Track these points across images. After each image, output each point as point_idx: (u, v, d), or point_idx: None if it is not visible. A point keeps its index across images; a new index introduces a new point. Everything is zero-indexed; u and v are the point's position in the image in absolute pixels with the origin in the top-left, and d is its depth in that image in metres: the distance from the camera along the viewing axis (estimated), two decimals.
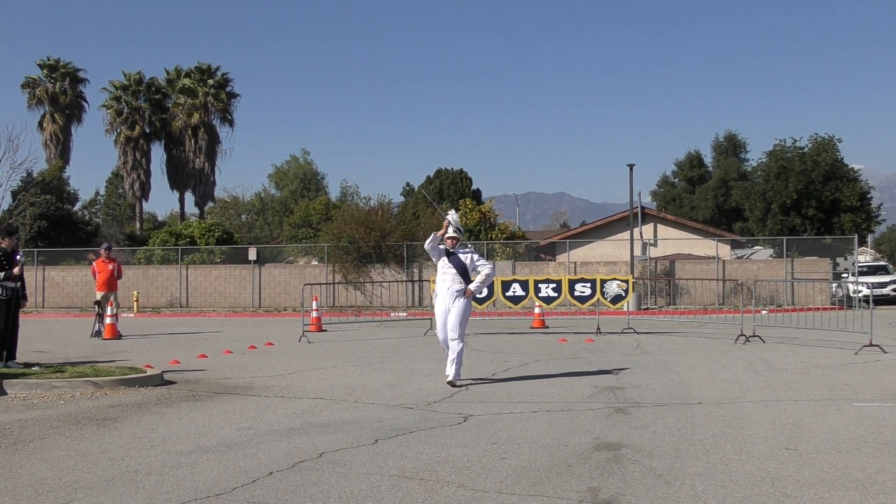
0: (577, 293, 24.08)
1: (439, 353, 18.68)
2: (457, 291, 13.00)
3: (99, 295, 23.68)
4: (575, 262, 42.05)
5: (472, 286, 13.07)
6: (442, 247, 13.16)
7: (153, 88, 61.79)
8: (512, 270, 40.46)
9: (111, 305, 23.40)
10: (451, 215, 13.40)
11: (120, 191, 65.78)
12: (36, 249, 43.30)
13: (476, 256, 13.35)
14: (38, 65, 62.03)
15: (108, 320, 23.12)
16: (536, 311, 26.05)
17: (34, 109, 61.81)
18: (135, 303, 39.02)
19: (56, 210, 49.02)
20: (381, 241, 40.93)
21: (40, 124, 61.56)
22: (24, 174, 48.72)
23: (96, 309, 23.90)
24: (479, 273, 13.16)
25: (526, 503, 6.60)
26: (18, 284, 15.66)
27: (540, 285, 24.40)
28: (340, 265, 40.91)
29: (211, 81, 60.93)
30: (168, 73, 62.70)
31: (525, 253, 47.10)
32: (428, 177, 65.40)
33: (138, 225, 60.50)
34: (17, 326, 15.62)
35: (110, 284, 23.61)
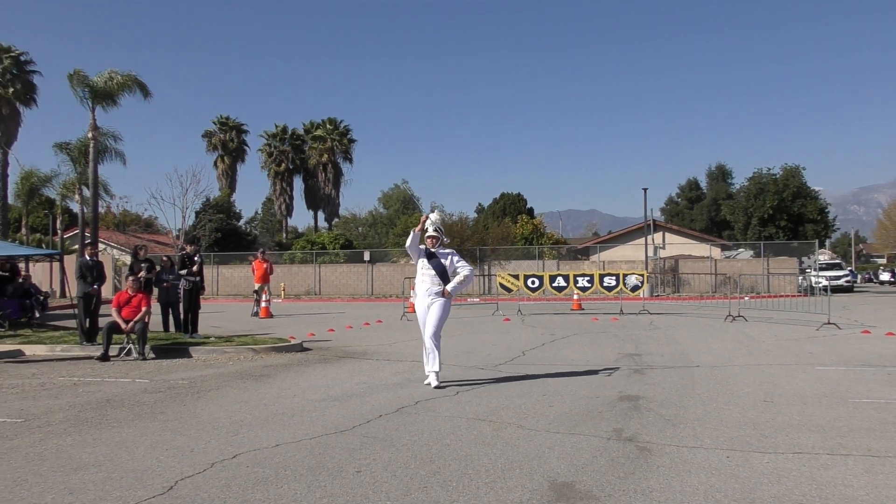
0: (605, 284, 23.85)
1: (504, 328, 18.64)
2: (435, 293, 9.65)
3: (256, 286, 24.04)
4: (603, 261, 41.66)
5: (449, 287, 9.65)
6: (422, 247, 9.85)
7: (294, 136, 62.48)
8: (556, 267, 40.20)
9: (265, 293, 23.75)
10: (433, 215, 10.11)
11: (271, 211, 66.64)
12: (212, 253, 44.10)
13: (456, 258, 9.96)
14: (213, 122, 63.30)
15: (263, 304, 23.46)
16: (575, 297, 25.81)
17: (211, 153, 62.99)
18: (282, 291, 39.51)
19: (226, 225, 49.90)
20: (460, 246, 40.94)
21: (215, 163, 62.70)
22: (204, 199, 49.82)
23: (254, 296, 24.27)
24: (458, 274, 9.78)
25: (568, 439, 6.54)
26: (199, 278, 15.99)
27: (578, 278, 24.23)
28: None
29: (336, 130, 61.46)
30: (304, 125, 63.42)
31: (566, 254, 46.74)
32: (494, 199, 65.28)
33: (284, 235, 61.20)
34: (198, 309, 15.93)
35: (265, 278, 23.96)
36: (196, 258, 16.13)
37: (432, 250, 9.78)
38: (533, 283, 24.34)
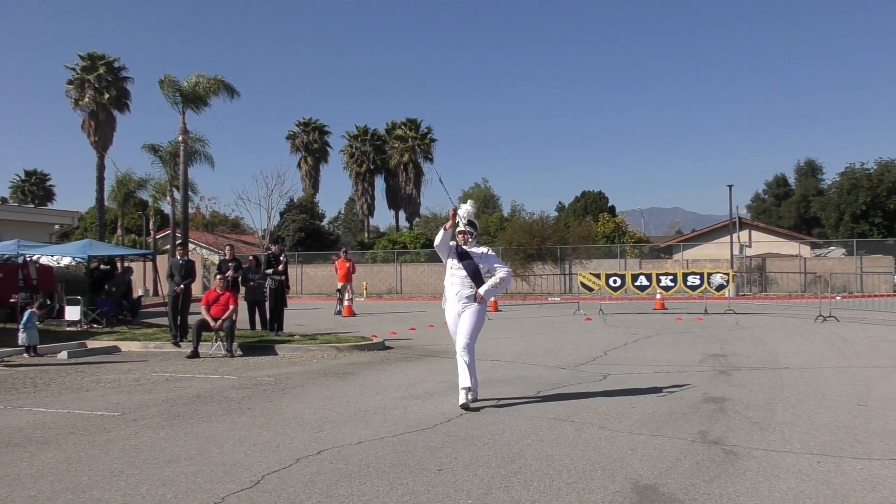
0: (689, 283, 23.34)
1: (586, 327, 18.45)
2: (466, 297, 8.35)
3: (339, 285, 24.40)
4: (687, 260, 40.78)
5: (482, 290, 8.26)
6: (453, 243, 8.56)
7: (375, 137, 63.10)
8: (639, 266, 39.56)
9: (348, 292, 24.09)
10: (464, 206, 8.64)
11: (353, 210, 67.52)
12: (296, 253, 44.96)
13: (493, 256, 8.51)
14: (296, 123, 64.44)
15: (346, 303, 23.80)
16: (658, 296, 25.35)
17: (294, 154, 64.16)
18: (364, 290, 40.00)
19: (310, 225, 50.76)
20: (541, 245, 40.73)
21: (298, 165, 63.86)
22: (289, 200, 50.85)
23: (337, 295, 24.64)
24: (493, 276, 8.40)
25: (651, 441, 6.44)
26: (284, 277, 16.32)
27: (661, 277, 23.79)
28: (511, 262, 40.89)
29: (416, 131, 61.87)
30: (386, 125, 64.05)
31: (649, 253, 45.96)
32: (575, 197, 64.71)
33: (366, 235, 61.91)
34: (283, 307, 16.26)
35: (347, 277, 24.29)
36: (281, 258, 16.48)
37: (465, 248, 8.42)
38: (615, 282, 24.02)
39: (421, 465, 5.75)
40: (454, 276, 8.51)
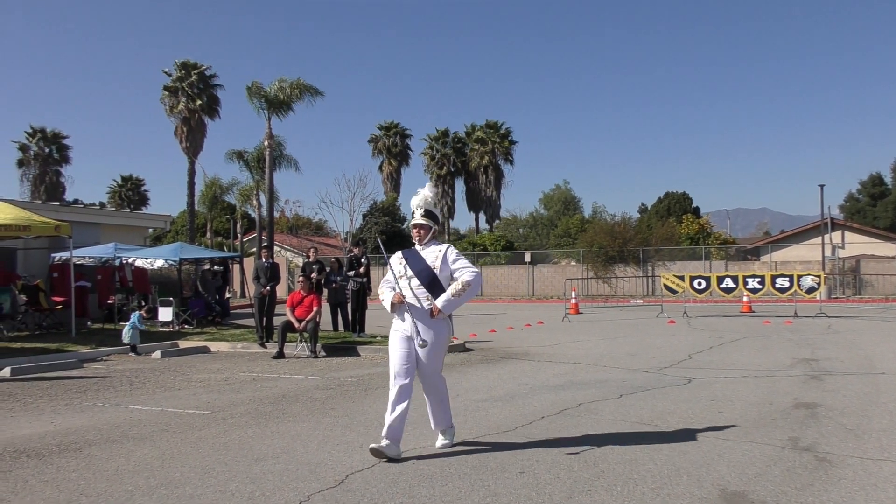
0: (777, 285, 22.67)
1: (669, 330, 18.11)
2: (418, 314, 6.19)
3: None
4: (776, 262, 39.67)
5: (440, 301, 6.11)
6: (396, 258, 6.48)
7: (455, 139, 63.27)
8: (724, 268, 38.65)
9: None
10: (420, 193, 6.48)
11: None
12: (378, 255, 45.51)
13: (453, 254, 6.31)
14: (378, 127, 65.16)
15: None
16: (745, 299, 24.70)
17: (376, 157, 64.86)
18: None
19: (391, 227, 51.30)
20: (623, 247, 40.26)
21: (380, 167, 64.58)
22: (371, 202, 51.48)
23: None
24: (456, 281, 6.25)
25: (739, 447, 6.28)
26: (366, 279, 16.53)
27: (748, 279, 23.18)
28: (592, 264, 40.55)
29: (497, 133, 61.78)
30: (466, 127, 64.18)
31: (735, 255, 44.84)
32: (658, 198, 63.58)
33: (447, 237, 62.18)
34: (365, 309, 16.47)
35: None
36: (363, 260, 16.70)
37: (418, 248, 6.39)
38: (699, 284, 23.50)
39: (502, 467, 5.74)
40: (404, 287, 6.26)
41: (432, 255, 6.28)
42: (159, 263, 22.01)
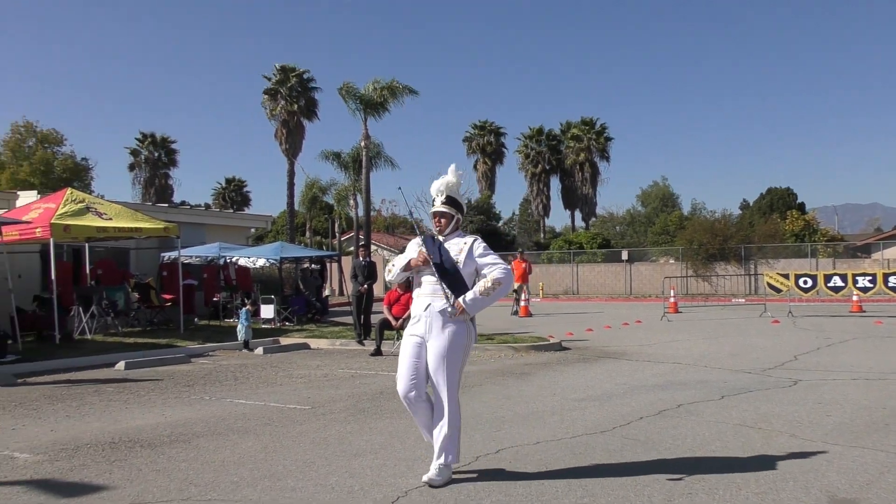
0: (890, 284, 21.57)
1: (773, 330, 17.52)
2: (439, 313, 5.33)
3: (516, 285, 24.52)
4: (888, 259, 37.81)
5: (466, 298, 5.29)
6: (416, 241, 5.69)
7: (550, 137, 62.85)
8: (832, 266, 37.09)
9: (524, 293, 24.18)
10: (442, 178, 5.69)
11: (529, 211, 67.53)
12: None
13: (480, 247, 5.51)
14: (472, 126, 65.35)
15: (522, 303, 23.89)
16: (854, 298, 23.65)
17: (471, 156, 65.12)
18: (541, 291, 39.97)
19: (486, 226, 51.38)
20: (723, 244, 39.17)
21: (475, 166, 64.74)
22: (466, 201, 51.63)
23: (514, 295, 24.78)
24: (484, 278, 5.40)
25: (849, 452, 6.03)
26: None
27: (857, 277, 22.17)
28: (692, 262, 39.61)
29: (592, 130, 61.09)
30: (561, 125, 63.70)
31: (843, 252, 43.02)
32: (760, 194, 61.61)
33: (542, 235, 61.80)
34: None
35: (524, 277, 24.37)
36: None
37: (440, 239, 5.55)
38: (805, 282, 22.63)
39: (600, 467, 5.68)
40: (422, 282, 5.49)
41: (456, 247, 5.46)
42: (261, 262, 22.67)
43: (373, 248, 41.25)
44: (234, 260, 22.60)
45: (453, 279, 5.32)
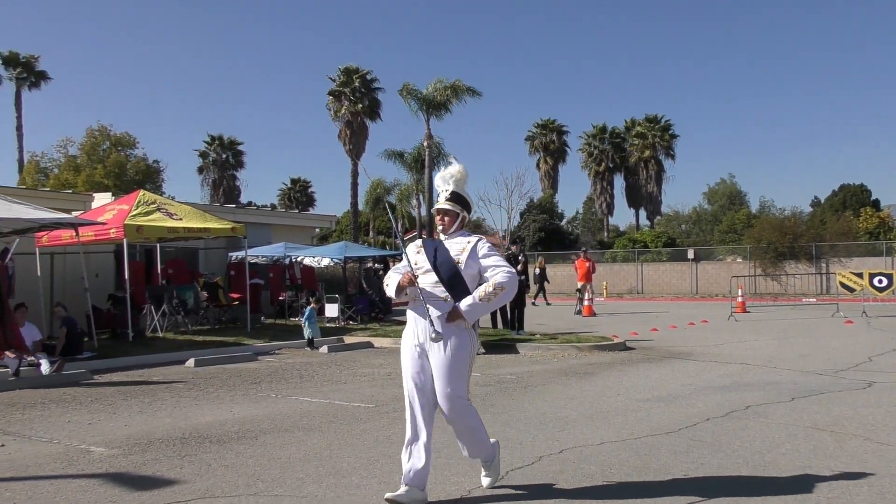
0: None
1: (846, 331, 17.03)
2: (436, 317, 4.88)
3: (579, 284, 24.35)
4: None
5: (464, 304, 4.83)
6: (415, 246, 5.25)
7: (614, 134, 62.19)
8: None
9: (588, 292, 23.98)
10: (446, 170, 5.25)
11: (592, 210, 66.92)
12: (536, 253, 45.44)
13: (483, 247, 5.01)
14: (535, 125, 65.01)
15: (585, 303, 23.70)
16: None
17: (533, 155, 64.75)
18: (604, 290, 39.57)
19: (549, 225, 51.06)
20: (793, 243, 38.20)
21: (537, 165, 64.37)
22: (529, 200, 51.47)
23: (577, 295, 24.60)
24: (488, 282, 4.89)
25: None
26: (523, 277, 16.55)
27: None
28: (760, 261, 38.72)
29: (657, 126, 60.24)
30: (625, 122, 62.99)
31: None
32: (833, 191, 59.97)
33: (605, 234, 61.20)
34: (524, 306, 16.48)
35: (587, 277, 24.18)
36: (520, 257, 16.73)
37: (443, 238, 5.11)
38: (880, 281, 21.90)
39: (666, 469, 5.60)
40: (420, 283, 4.93)
41: (458, 247, 4.97)
42: (325, 262, 22.96)
43: None
44: (299, 259, 22.96)
45: (452, 282, 4.85)
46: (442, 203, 5.09)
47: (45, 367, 11.11)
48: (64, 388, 10.33)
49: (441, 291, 4.87)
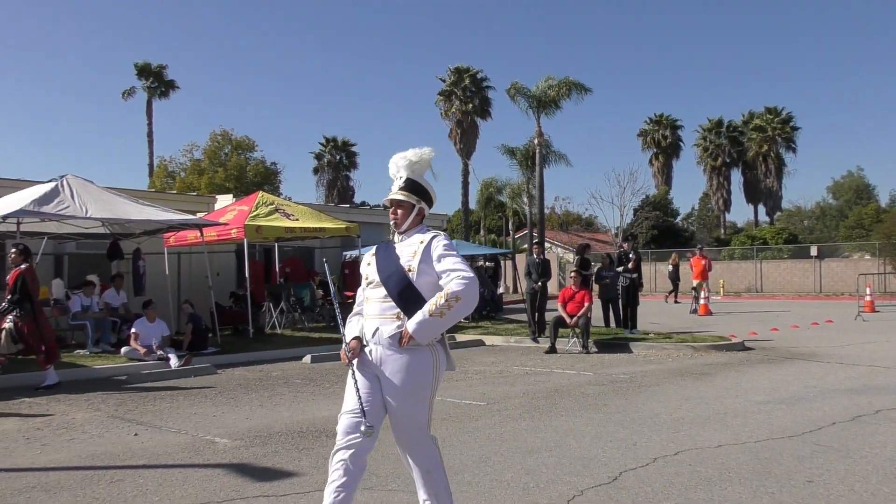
0: None
1: None
2: (389, 338, 3.90)
3: (695, 283, 23.71)
4: None
5: (412, 323, 3.83)
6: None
7: (730, 128, 60.23)
8: None
9: (704, 290, 23.31)
10: (401, 156, 4.20)
11: (708, 206, 65.05)
12: (649, 250, 44.53)
13: (439, 247, 3.91)
14: (647, 121, 63.69)
15: (701, 301, 23.05)
16: None
17: (646, 151, 63.45)
18: (721, 288, 38.39)
19: (663, 222, 49.94)
20: None
21: (650, 161, 63.04)
22: (642, 197, 50.52)
23: (693, 293, 23.97)
24: (443, 291, 3.80)
25: None
26: (636, 275, 16.23)
27: None
28: (891, 258, 36.70)
29: (777, 119, 57.96)
30: (742, 115, 60.87)
31: None
32: None
33: (722, 231, 59.34)
34: (637, 305, 16.19)
35: (703, 275, 23.51)
36: (630, 255, 16.43)
37: (396, 238, 4.21)
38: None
39: (787, 474, 5.39)
40: (370, 296, 4.09)
41: (410, 249, 4.00)
42: None
43: (547, 245, 41.20)
44: None
45: (403, 296, 3.91)
46: (393, 193, 4.13)
47: (173, 361, 11.72)
48: (191, 380, 10.82)
49: (392, 308, 3.93)
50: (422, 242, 3.97)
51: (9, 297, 10.02)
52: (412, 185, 4.13)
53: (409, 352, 3.92)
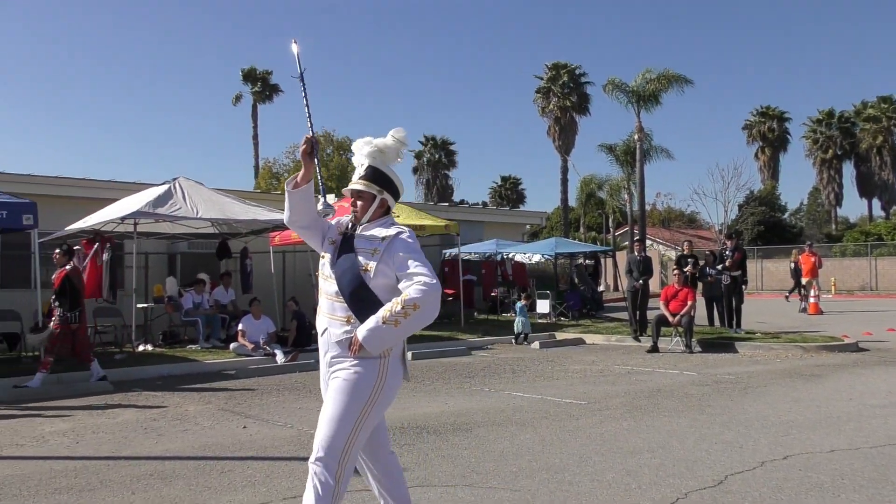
0: None
1: None
2: (337, 343, 3.53)
3: (804, 281, 22.83)
4: None
5: (362, 330, 3.40)
6: (328, 217, 3.98)
7: (842, 119, 57.67)
8: None
9: (814, 289, 22.41)
10: (367, 141, 3.80)
11: (818, 201, 62.51)
12: (755, 247, 43.13)
13: (401, 245, 3.53)
14: (752, 113, 61.67)
15: (811, 300, 22.17)
16: None
17: (751, 144, 61.48)
18: (832, 287, 36.85)
19: (769, 218, 48.29)
20: None
21: (756, 155, 61.04)
22: (747, 192, 48.96)
23: (802, 291, 23.08)
24: (402, 295, 3.42)
25: None
26: (740, 272, 15.74)
27: None
28: None
29: (892, 108, 54.96)
30: (854, 106, 58.21)
31: None
32: None
33: (833, 227, 56.93)
34: (741, 303, 15.71)
35: (813, 272, 22.59)
36: (728, 253, 15.94)
37: (358, 229, 3.73)
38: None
39: None
40: (323, 291, 3.72)
41: (370, 245, 3.60)
42: (536, 258, 23.05)
43: (648, 242, 40.45)
44: (510, 256, 23.22)
45: (354, 297, 3.54)
46: (353, 182, 3.75)
47: (280, 357, 12.09)
48: (296, 376, 11.11)
49: (344, 309, 3.56)
50: (383, 239, 3.59)
51: (54, 298, 10.17)
52: (373, 174, 3.74)
53: (355, 361, 3.50)
